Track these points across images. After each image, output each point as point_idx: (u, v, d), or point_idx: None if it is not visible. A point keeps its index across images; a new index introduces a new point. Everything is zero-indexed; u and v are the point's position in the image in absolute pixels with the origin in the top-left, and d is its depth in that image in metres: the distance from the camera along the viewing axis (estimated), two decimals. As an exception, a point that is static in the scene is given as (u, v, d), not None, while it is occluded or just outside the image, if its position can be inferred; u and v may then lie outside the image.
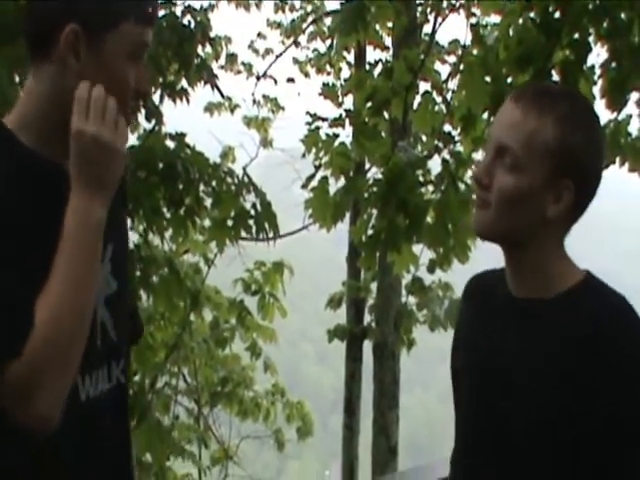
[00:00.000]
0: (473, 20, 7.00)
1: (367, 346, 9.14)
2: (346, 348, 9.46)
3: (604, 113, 4.17)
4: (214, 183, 5.20)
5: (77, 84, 1.54)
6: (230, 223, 5.20)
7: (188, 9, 5.56)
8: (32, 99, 1.59)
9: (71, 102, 1.54)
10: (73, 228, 1.48)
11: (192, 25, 5.44)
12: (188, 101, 5.45)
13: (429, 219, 5.01)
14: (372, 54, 8.75)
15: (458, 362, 1.84)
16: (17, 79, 4.23)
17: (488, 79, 4.18)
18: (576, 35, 3.83)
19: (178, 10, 5.50)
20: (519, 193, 1.61)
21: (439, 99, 5.44)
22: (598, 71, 3.96)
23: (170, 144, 5.13)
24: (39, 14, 1.56)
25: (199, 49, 5.69)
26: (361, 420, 9.76)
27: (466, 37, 7.11)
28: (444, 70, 8.25)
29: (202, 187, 5.15)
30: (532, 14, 3.93)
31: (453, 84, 5.70)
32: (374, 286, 8.83)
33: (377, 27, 7.26)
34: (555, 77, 3.89)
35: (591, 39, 3.85)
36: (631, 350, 1.57)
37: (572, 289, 1.65)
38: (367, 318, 9.27)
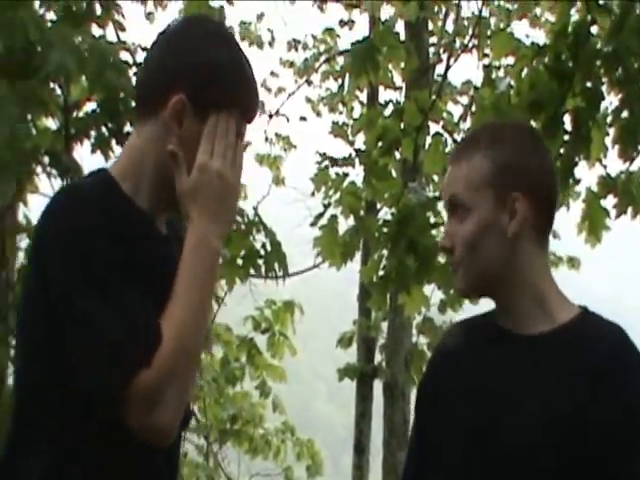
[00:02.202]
0: (485, 61, 7.05)
1: (378, 385, 9.10)
2: (356, 387, 9.41)
3: (616, 163, 4.16)
4: (224, 222, 5.19)
5: (176, 147, 1.61)
6: (240, 262, 5.19)
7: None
8: (133, 154, 1.68)
9: (164, 164, 1.62)
10: (192, 255, 1.58)
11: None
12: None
13: (440, 259, 4.99)
14: (385, 93, 8.81)
15: (446, 417, 1.75)
16: (29, 117, 4.27)
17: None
18: (588, 83, 3.83)
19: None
20: (477, 232, 1.67)
21: (450, 138, 5.45)
22: (610, 119, 3.95)
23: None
24: (154, 77, 1.65)
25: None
26: (372, 460, 9.68)
27: (478, 77, 7.16)
28: (456, 110, 8.28)
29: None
30: (545, 60, 3.93)
31: (465, 125, 5.71)
32: (385, 325, 8.80)
33: (389, 66, 7.30)
34: (567, 125, 3.89)
35: (604, 87, 3.85)
36: (636, 380, 1.61)
37: (573, 321, 1.66)
38: (378, 357, 9.23)
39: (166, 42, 1.67)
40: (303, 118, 10.89)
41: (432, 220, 5.06)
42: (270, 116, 10.62)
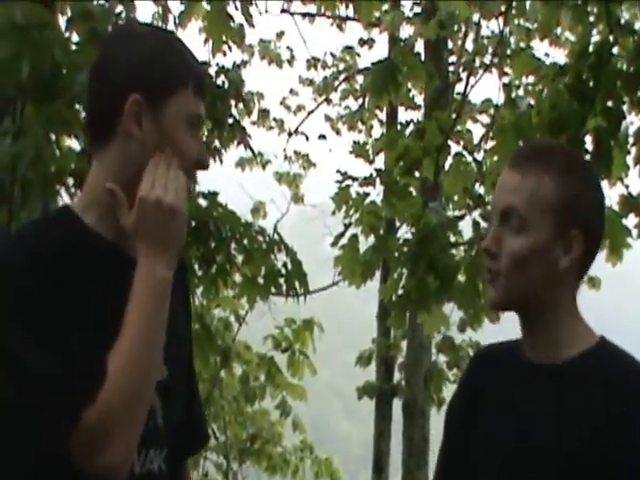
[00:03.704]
0: (505, 79, 7.06)
1: (397, 404, 9.08)
2: (375, 406, 9.39)
3: (638, 182, 4.16)
4: (245, 241, 5.21)
5: (140, 154, 1.59)
6: (261, 281, 5.19)
7: (222, 70, 5.62)
8: (96, 183, 1.64)
9: (135, 173, 1.59)
10: (139, 288, 1.55)
11: (226, 85, 5.49)
12: (221, 161, 5.48)
13: (460, 278, 4.99)
14: (404, 112, 8.85)
15: (469, 439, 1.79)
16: (53, 137, 4.30)
17: (521, 144, 4.19)
18: (609, 103, 3.83)
19: (212, 70, 5.56)
20: (529, 253, 1.65)
21: (470, 157, 5.46)
22: (632, 139, 3.95)
23: (202, 202, 5.16)
24: (103, 93, 1.61)
25: (232, 108, 5.74)
26: (390, 478, 9.65)
27: (499, 96, 7.15)
28: (475, 128, 8.29)
29: (233, 245, 5.16)
30: (565, 80, 3.94)
31: (486, 145, 5.71)
32: (404, 344, 8.79)
33: (409, 85, 7.32)
34: (588, 144, 3.89)
35: (625, 107, 3.86)
36: None
37: (585, 353, 1.66)
38: (397, 376, 9.22)
39: (102, 60, 1.65)
40: (322, 136, 10.92)
41: (452, 239, 5.07)
42: (289, 134, 10.68)
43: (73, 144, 4.30)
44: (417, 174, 5.38)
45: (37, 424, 1.47)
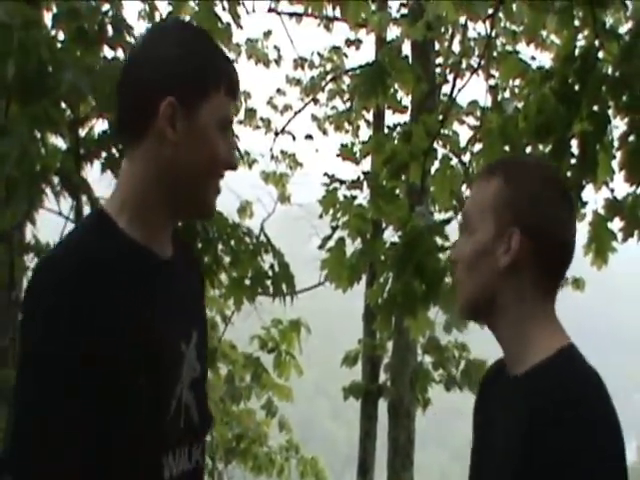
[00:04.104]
0: (492, 82, 7.07)
1: (383, 404, 9.08)
2: (361, 406, 9.39)
3: (623, 186, 4.17)
4: (232, 242, 5.19)
5: (172, 156, 1.59)
6: (247, 282, 5.18)
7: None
8: (128, 180, 1.64)
9: (165, 174, 1.59)
10: None
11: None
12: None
13: (447, 280, 4.98)
14: (391, 114, 8.85)
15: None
16: (38, 136, 4.28)
17: (507, 148, 4.20)
18: (595, 107, 3.84)
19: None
20: (473, 254, 1.70)
21: (457, 160, 5.46)
22: (617, 143, 3.96)
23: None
24: (137, 94, 1.61)
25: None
26: (376, 479, 9.65)
27: (486, 98, 7.18)
28: (462, 130, 8.30)
29: (220, 246, 5.15)
30: (551, 84, 3.95)
31: (473, 148, 5.71)
32: (390, 344, 8.80)
33: (395, 86, 7.32)
34: (574, 148, 3.90)
35: (610, 111, 3.87)
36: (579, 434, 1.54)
37: (542, 363, 1.64)
38: (382, 376, 9.22)
39: (135, 59, 1.65)
40: (309, 136, 10.93)
41: (439, 242, 5.06)
42: (276, 134, 10.68)
43: (59, 142, 4.29)
44: (404, 177, 5.38)
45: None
